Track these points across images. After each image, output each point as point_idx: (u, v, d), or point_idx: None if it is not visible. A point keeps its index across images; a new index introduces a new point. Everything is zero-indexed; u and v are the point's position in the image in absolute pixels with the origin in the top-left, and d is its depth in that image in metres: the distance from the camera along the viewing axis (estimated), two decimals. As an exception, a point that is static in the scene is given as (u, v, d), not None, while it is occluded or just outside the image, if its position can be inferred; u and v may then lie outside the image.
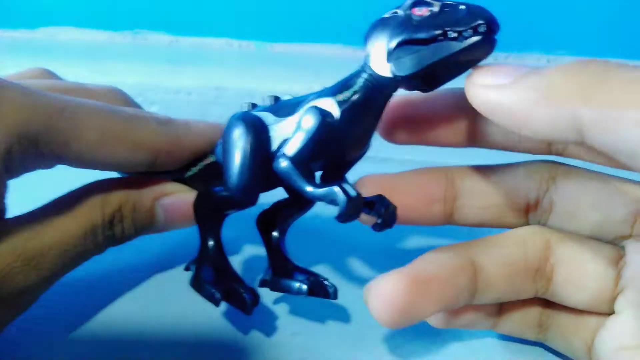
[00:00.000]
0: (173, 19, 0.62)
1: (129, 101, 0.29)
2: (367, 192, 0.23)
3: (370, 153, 0.25)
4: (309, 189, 0.22)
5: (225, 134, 0.24)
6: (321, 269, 0.32)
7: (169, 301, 0.28)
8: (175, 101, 0.53)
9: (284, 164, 0.22)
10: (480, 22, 0.20)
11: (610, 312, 0.22)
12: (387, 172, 0.26)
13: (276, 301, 0.29)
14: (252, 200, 0.25)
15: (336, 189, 0.21)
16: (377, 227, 0.24)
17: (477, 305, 0.24)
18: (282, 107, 0.25)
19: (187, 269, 0.27)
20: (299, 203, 0.27)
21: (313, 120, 0.22)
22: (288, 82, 0.52)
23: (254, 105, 0.26)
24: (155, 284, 0.30)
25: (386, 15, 0.23)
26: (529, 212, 0.25)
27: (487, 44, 0.21)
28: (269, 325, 0.27)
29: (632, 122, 0.15)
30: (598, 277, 0.22)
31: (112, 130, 0.22)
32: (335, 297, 0.26)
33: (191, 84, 0.53)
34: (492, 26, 0.21)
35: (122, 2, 0.61)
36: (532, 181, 0.24)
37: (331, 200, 0.21)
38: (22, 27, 0.63)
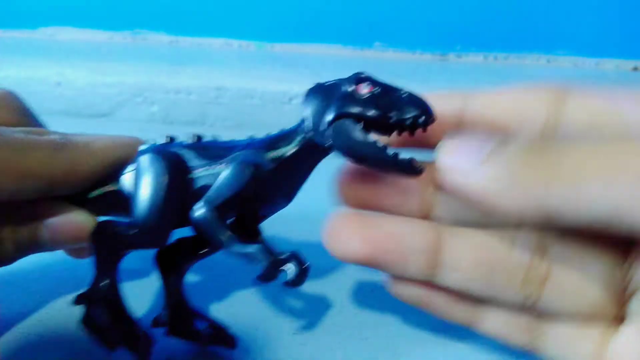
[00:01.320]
0: (173, 19, 0.62)
1: (22, 107, 0.26)
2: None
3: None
4: (229, 243, 0.21)
5: (139, 167, 0.23)
6: (322, 267, 0.32)
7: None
8: (175, 101, 0.53)
9: (203, 212, 0.21)
10: (417, 113, 0.20)
11: (617, 317, 0.20)
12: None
13: (276, 301, 0.29)
14: (161, 243, 0.23)
15: (259, 249, 0.21)
16: (287, 285, 0.23)
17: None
18: (207, 149, 0.23)
19: (77, 302, 0.24)
20: (204, 244, 0.24)
21: (243, 174, 0.21)
22: (288, 82, 0.52)
23: (172, 140, 0.25)
24: (155, 283, 0.30)
25: (328, 83, 0.22)
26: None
27: (415, 172, 0.20)
28: (269, 325, 0.27)
29: (596, 194, 0.15)
30: (603, 280, 0.20)
31: None
32: (234, 346, 0.25)
33: (191, 84, 0.53)
34: (428, 119, 0.20)
35: (122, 2, 0.61)
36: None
37: (252, 260, 0.21)
38: (23, 27, 0.63)
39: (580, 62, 0.62)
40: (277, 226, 0.27)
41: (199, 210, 0.21)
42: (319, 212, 0.24)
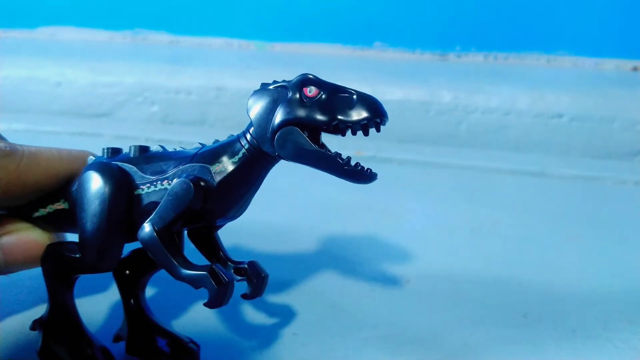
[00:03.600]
0: (173, 18, 0.62)
1: None
2: None
3: (370, 153, 0.24)
4: (177, 268, 0.19)
5: (81, 185, 0.21)
6: (323, 268, 0.32)
7: (170, 300, 0.28)
8: (175, 101, 0.53)
9: (148, 234, 0.20)
10: (368, 116, 0.19)
11: None
12: (387, 171, 0.26)
13: (276, 301, 0.29)
14: (110, 266, 0.21)
15: (207, 274, 0.19)
16: (247, 297, 0.23)
17: None
18: (150, 162, 0.22)
19: (33, 328, 0.22)
20: None
21: (186, 194, 0.20)
22: (288, 82, 0.52)
23: (115, 151, 0.23)
24: (155, 282, 0.30)
25: (272, 87, 0.21)
26: None
27: (365, 180, 0.20)
28: (269, 325, 0.27)
29: None
30: None
31: None
32: (198, 358, 0.23)
33: (191, 84, 0.53)
34: (381, 121, 0.20)
35: (122, 2, 0.61)
36: None
37: (200, 286, 0.19)
38: (23, 26, 0.63)
39: (580, 62, 0.62)
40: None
41: (144, 232, 0.20)
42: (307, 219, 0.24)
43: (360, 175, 0.20)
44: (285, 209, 0.27)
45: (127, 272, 0.24)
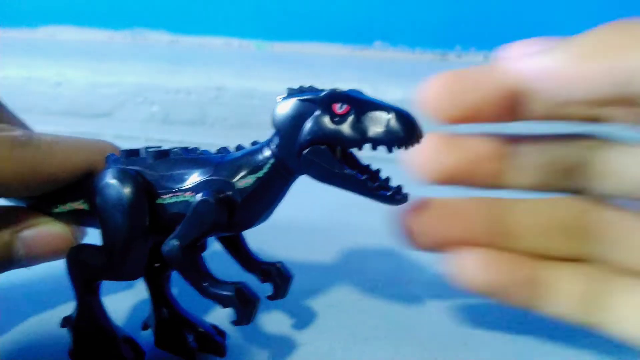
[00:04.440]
0: (173, 18, 0.62)
1: None
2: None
3: (368, 152, 0.24)
4: (203, 286, 0.20)
5: (104, 193, 0.20)
6: (323, 267, 0.32)
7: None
8: (175, 101, 0.53)
9: (173, 250, 0.20)
10: (402, 137, 0.18)
11: None
12: (387, 172, 0.26)
13: (276, 301, 0.29)
14: (136, 277, 0.21)
15: (231, 293, 0.19)
16: (271, 298, 0.23)
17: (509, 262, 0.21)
18: (171, 170, 0.21)
19: (63, 326, 0.23)
20: None
21: (211, 213, 0.19)
22: (288, 82, 0.52)
23: (132, 153, 0.22)
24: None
25: (298, 99, 0.19)
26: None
27: (394, 204, 0.20)
28: (269, 325, 0.27)
29: None
30: None
31: None
32: (224, 354, 0.24)
33: (191, 84, 0.53)
34: (417, 142, 0.19)
35: (122, 1, 0.61)
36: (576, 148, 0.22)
37: (227, 305, 0.20)
38: (23, 26, 0.63)
39: (581, 61, 0.62)
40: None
41: (169, 248, 0.20)
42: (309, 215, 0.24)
43: (389, 200, 0.19)
44: (285, 209, 0.27)
45: (153, 265, 0.23)
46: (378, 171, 0.20)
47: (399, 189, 0.20)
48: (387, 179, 0.20)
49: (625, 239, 0.21)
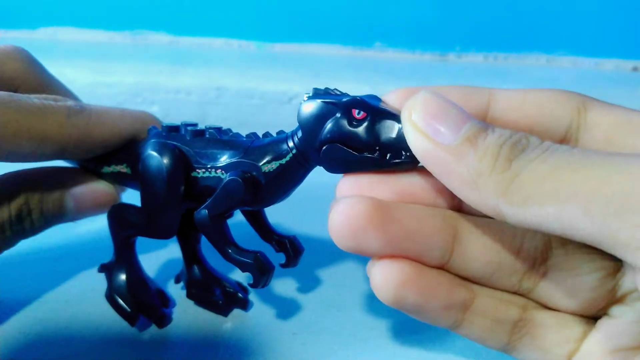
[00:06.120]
0: (173, 19, 0.62)
1: (32, 61, 0.27)
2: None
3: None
4: (228, 251, 0.23)
5: (147, 163, 0.24)
6: (323, 267, 0.32)
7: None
8: (175, 101, 0.53)
9: (204, 218, 0.23)
10: (407, 147, 0.20)
11: (596, 317, 0.22)
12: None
13: (276, 301, 0.29)
14: (169, 236, 0.25)
15: (251, 260, 0.22)
16: (284, 266, 0.26)
17: (443, 282, 0.21)
18: (205, 148, 0.24)
19: (100, 271, 0.26)
20: None
21: (239, 190, 0.22)
22: (288, 82, 0.52)
23: (172, 129, 0.25)
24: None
25: (322, 100, 0.21)
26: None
27: (412, 164, 0.21)
28: (269, 325, 0.27)
29: (548, 216, 0.16)
30: (593, 288, 0.21)
31: (15, 125, 0.21)
32: (246, 307, 0.28)
33: (191, 84, 0.53)
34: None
35: (122, 2, 0.61)
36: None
37: (246, 270, 0.23)
38: (23, 27, 0.63)
39: (580, 62, 0.62)
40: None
41: (200, 216, 0.23)
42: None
43: (406, 163, 0.21)
44: (285, 208, 0.27)
45: (186, 228, 0.27)
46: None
47: (409, 155, 0.20)
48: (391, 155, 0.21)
49: (561, 285, 0.22)
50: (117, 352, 0.25)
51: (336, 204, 0.20)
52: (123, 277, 0.25)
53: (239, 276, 0.29)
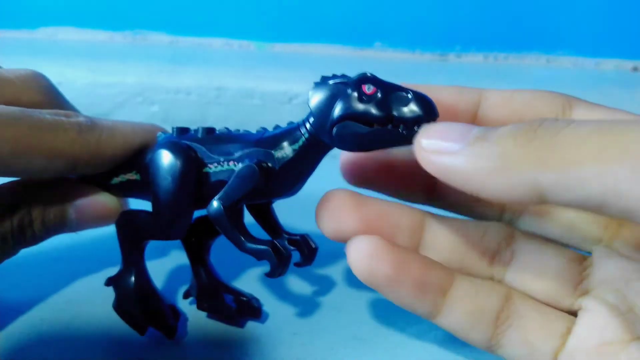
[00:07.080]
0: (173, 19, 0.62)
1: (50, 88, 0.27)
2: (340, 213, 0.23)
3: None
4: (243, 240, 0.22)
5: (157, 162, 0.23)
6: (323, 267, 0.32)
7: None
8: (175, 101, 0.53)
9: (217, 210, 0.22)
10: (421, 114, 0.21)
11: (571, 310, 0.22)
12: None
13: (276, 301, 0.29)
14: (180, 235, 0.24)
15: (269, 248, 0.22)
16: (299, 265, 0.26)
17: (419, 271, 0.22)
18: (217, 143, 0.24)
19: (107, 284, 0.25)
20: None
21: (252, 177, 0.22)
22: (288, 82, 0.52)
23: (182, 131, 0.25)
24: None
25: (331, 82, 0.22)
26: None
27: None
28: (269, 325, 0.27)
29: (591, 178, 0.15)
30: (560, 271, 0.23)
31: (27, 141, 0.21)
32: (260, 316, 0.27)
33: (191, 84, 0.53)
34: (433, 119, 0.21)
35: (122, 2, 0.61)
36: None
37: (263, 258, 0.22)
38: (23, 27, 0.63)
39: (580, 62, 0.62)
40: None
41: (214, 208, 0.22)
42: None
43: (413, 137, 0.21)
44: (284, 208, 0.27)
45: (194, 238, 0.27)
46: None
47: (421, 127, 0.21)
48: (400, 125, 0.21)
49: (529, 265, 0.23)
50: (118, 352, 0.25)
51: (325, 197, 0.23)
52: (132, 286, 0.25)
53: (251, 289, 0.29)
